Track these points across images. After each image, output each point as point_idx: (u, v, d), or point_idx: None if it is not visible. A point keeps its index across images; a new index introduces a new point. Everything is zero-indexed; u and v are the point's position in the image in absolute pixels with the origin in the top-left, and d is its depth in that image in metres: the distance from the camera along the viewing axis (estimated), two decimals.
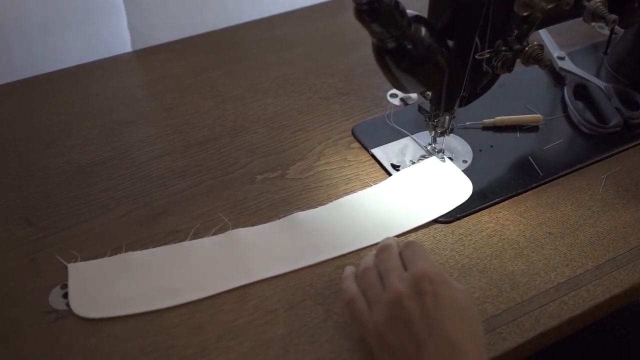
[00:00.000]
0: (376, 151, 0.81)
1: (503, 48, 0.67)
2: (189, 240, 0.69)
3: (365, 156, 0.81)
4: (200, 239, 0.69)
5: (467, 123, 0.85)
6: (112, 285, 0.64)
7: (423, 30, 0.62)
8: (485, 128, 0.84)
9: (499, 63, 0.67)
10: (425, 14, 0.65)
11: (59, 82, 0.94)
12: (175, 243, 0.68)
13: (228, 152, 0.81)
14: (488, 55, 0.67)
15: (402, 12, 0.58)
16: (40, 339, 0.60)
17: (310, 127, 0.86)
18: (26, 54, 1.00)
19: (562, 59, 0.94)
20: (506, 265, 0.67)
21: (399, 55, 0.62)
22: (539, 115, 0.85)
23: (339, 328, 0.60)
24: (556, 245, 0.69)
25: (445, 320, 0.51)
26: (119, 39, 1.04)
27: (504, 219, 0.72)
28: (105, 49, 1.03)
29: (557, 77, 0.93)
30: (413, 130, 0.84)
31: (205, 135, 0.84)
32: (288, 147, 0.82)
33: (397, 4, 0.57)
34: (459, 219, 0.72)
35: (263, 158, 0.80)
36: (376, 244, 0.68)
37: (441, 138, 0.78)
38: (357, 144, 0.83)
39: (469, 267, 0.66)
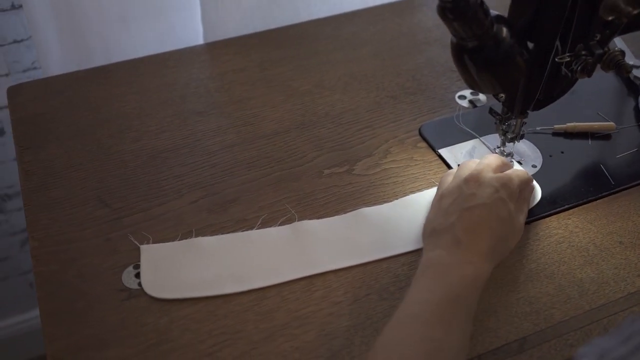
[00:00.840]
0: (443, 151, 0.81)
1: (584, 52, 0.66)
2: (257, 229, 0.70)
3: (432, 156, 0.81)
4: (267, 229, 0.70)
5: (538, 128, 0.84)
6: (182, 268, 0.65)
7: (504, 31, 0.61)
8: (556, 134, 0.83)
9: (579, 67, 0.66)
10: (504, 14, 0.64)
11: (134, 70, 0.97)
12: (243, 231, 0.70)
13: (296, 146, 0.82)
14: (568, 59, 0.66)
15: (486, 12, 0.58)
16: (113, 315, 0.62)
17: (377, 124, 0.86)
18: (104, 42, 1.03)
19: (637, 67, 0.92)
20: (574, 272, 0.66)
21: (478, 55, 0.62)
22: (612, 123, 0.83)
23: None
24: (627, 255, 0.67)
25: (480, 220, 0.62)
26: (192, 32, 1.07)
27: (573, 226, 0.71)
28: (179, 40, 1.06)
29: (631, 85, 0.91)
30: (481, 133, 0.83)
31: (273, 128, 0.85)
32: (355, 143, 0.83)
33: (482, 3, 0.57)
34: (527, 223, 0.71)
35: (330, 153, 0.81)
36: None
37: (510, 142, 0.77)
38: (423, 144, 0.83)
39: (536, 272, 0.66)
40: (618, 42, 0.97)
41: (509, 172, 0.68)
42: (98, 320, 0.62)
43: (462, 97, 0.90)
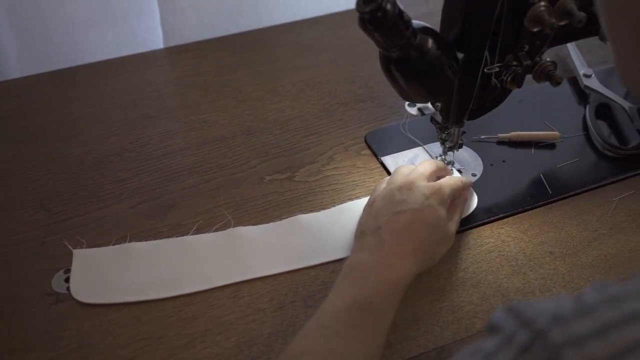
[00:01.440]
0: (386, 159, 0.81)
1: (514, 63, 0.67)
2: (191, 234, 0.71)
3: (374, 164, 0.81)
4: (201, 235, 0.71)
5: (482, 136, 0.84)
6: (112, 274, 0.66)
7: (430, 42, 0.62)
8: (500, 142, 0.84)
9: (509, 78, 0.67)
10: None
11: (92, 74, 0.98)
12: (177, 237, 0.70)
13: (241, 152, 0.83)
14: (497, 70, 0.66)
15: (407, 22, 0.59)
16: (39, 319, 0.62)
17: (324, 131, 0.87)
18: (65, 46, 1.04)
19: (588, 76, 0.92)
20: (501, 282, 0.66)
21: (404, 65, 0.63)
22: (556, 132, 0.83)
23: None
24: (556, 265, 0.68)
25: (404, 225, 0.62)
26: (153, 36, 1.08)
27: (505, 235, 0.71)
28: (140, 44, 1.07)
29: (582, 95, 0.91)
30: (427, 141, 0.83)
31: (221, 134, 0.86)
32: (300, 150, 0.83)
33: (401, 13, 0.57)
34: (461, 231, 0.71)
35: (274, 159, 0.82)
36: None
37: (450, 151, 0.78)
38: (368, 151, 0.83)
39: (463, 281, 0.66)
40: (571, 50, 0.97)
41: (441, 180, 0.69)
42: (24, 324, 0.62)
43: (412, 105, 0.91)
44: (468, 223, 0.72)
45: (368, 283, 0.58)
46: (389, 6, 0.56)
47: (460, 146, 0.76)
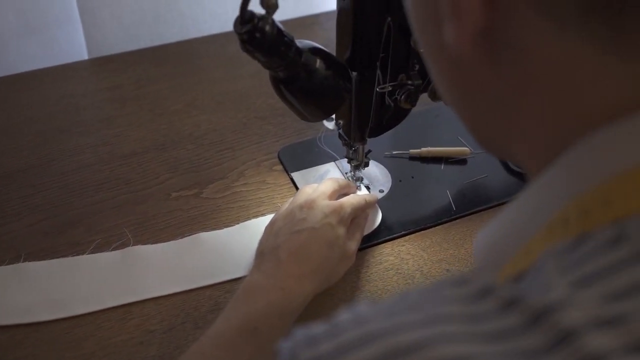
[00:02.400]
0: (296, 175, 0.81)
1: (409, 82, 0.67)
2: (88, 253, 0.70)
3: (285, 179, 0.81)
4: (97, 254, 0.70)
5: (394, 152, 0.84)
6: (0, 295, 0.65)
7: (317, 61, 0.62)
8: (412, 158, 0.84)
9: (402, 97, 0.67)
10: None
11: (10, 86, 0.96)
12: (73, 256, 0.69)
13: (150, 167, 0.82)
14: (390, 89, 0.66)
15: (288, 43, 0.58)
16: None
17: (239, 146, 0.86)
18: None
19: None
20: None
21: (293, 85, 0.62)
22: (466, 148, 0.84)
23: None
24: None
25: (301, 244, 0.61)
26: (77, 47, 1.07)
27: (405, 253, 0.71)
28: (65, 55, 1.05)
29: None
30: (340, 156, 0.83)
31: (132, 148, 0.85)
32: (212, 165, 0.83)
33: (280, 33, 0.57)
34: (362, 249, 0.71)
35: (183, 175, 0.81)
36: None
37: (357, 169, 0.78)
38: (280, 167, 0.83)
39: (357, 300, 0.66)
40: None
41: (343, 199, 0.69)
42: None
43: (330, 120, 0.91)
44: (370, 241, 0.72)
45: (256, 306, 0.57)
46: (267, 27, 0.56)
47: (367, 164, 0.76)
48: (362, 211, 0.70)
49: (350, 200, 0.68)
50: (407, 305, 0.27)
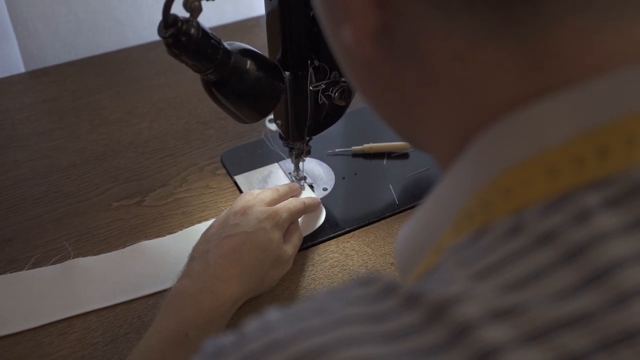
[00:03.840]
0: (239, 178, 0.80)
1: (342, 79, 0.67)
2: (26, 269, 0.68)
3: (228, 183, 0.81)
4: (36, 269, 0.68)
5: (337, 150, 0.85)
6: None
7: (248, 63, 0.61)
8: (356, 155, 0.84)
9: (336, 94, 0.67)
10: None
11: None
12: (10, 272, 0.68)
13: (90, 178, 0.81)
14: (323, 87, 0.67)
15: (215, 45, 0.58)
16: None
17: (180, 152, 0.85)
18: None
19: None
20: None
21: (224, 88, 0.62)
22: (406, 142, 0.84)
23: None
24: (396, 276, 0.68)
25: (232, 247, 0.61)
26: (13, 60, 1.04)
27: (350, 249, 0.71)
28: (1, 69, 1.02)
29: None
30: (284, 157, 0.83)
31: (72, 160, 0.84)
32: (153, 172, 0.82)
33: (206, 35, 0.57)
34: (306, 248, 0.71)
35: (124, 184, 0.80)
36: None
37: (302, 164, 0.78)
38: (223, 170, 0.82)
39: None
40: None
41: (280, 204, 0.68)
42: None
43: (272, 121, 0.91)
44: (314, 239, 0.72)
45: (186, 313, 0.56)
46: (192, 30, 0.55)
47: (309, 152, 0.76)
48: (300, 215, 0.70)
49: (287, 205, 0.68)
50: (313, 309, 0.27)
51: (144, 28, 1.11)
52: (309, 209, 0.71)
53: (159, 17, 1.09)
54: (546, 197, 0.26)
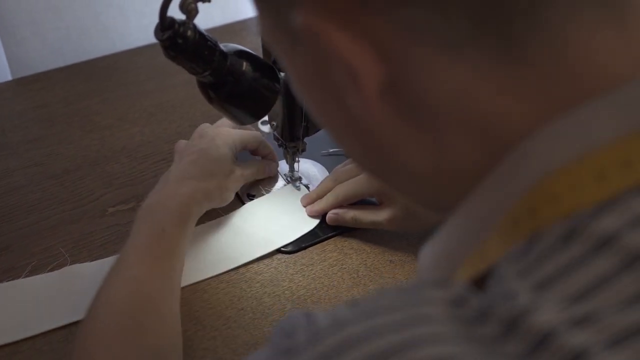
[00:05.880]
0: None
1: None
2: (23, 277, 0.67)
3: None
4: (33, 277, 0.68)
5: (331, 150, 0.85)
6: None
7: (244, 64, 0.62)
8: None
9: None
10: None
11: None
12: (7, 281, 0.67)
13: (84, 184, 0.80)
14: None
15: (211, 47, 0.58)
16: None
17: (173, 156, 0.85)
18: None
19: None
20: (341, 296, 0.66)
21: (221, 90, 0.62)
22: None
23: None
24: (395, 273, 0.69)
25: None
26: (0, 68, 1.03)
27: (348, 248, 0.72)
28: None
29: None
30: (278, 158, 0.83)
31: (65, 167, 0.83)
32: (147, 177, 0.82)
33: (202, 37, 0.57)
34: (304, 248, 0.71)
35: (119, 189, 0.80)
36: (217, 276, 0.68)
37: (297, 164, 0.78)
38: None
39: (303, 299, 0.66)
40: None
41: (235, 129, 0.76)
42: None
43: (265, 123, 0.90)
44: (312, 239, 0.72)
45: (158, 216, 0.63)
46: (188, 32, 0.55)
47: (304, 149, 0.76)
48: (253, 147, 0.77)
49: (240, 131, 0.76)
50: (386, 306, 0.27)
51: (131, 34, 1.11)
52: (262, 147, 0.78)
53: (146, 22, 1.10)
54: (596, 201, 0.25)
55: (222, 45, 0.60)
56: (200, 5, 0.55)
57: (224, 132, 0.73)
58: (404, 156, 0.31)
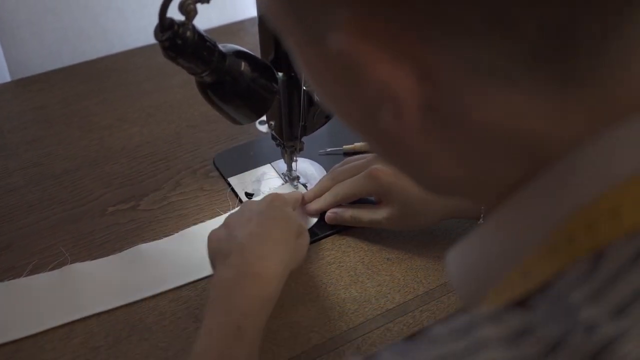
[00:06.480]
0: (232, 180, 0.81)
1: None
2: (24, 276, 0.68)
3: (222, 185, 0.81)
4: (34, 276, 0.68)
5: (329, 149, 0.86)
6: None
7: (242, 64, 0.62)
8: (347, 154, 0.85)
9: None
10: None
11: None
12: (8, 280, 0.68)
13: (83, 184, 0.81)
14: None
15: (210, 47, 0.59)
16: None
17: (172, 156, 0.86)
18: None
19: None
20: (339, 293, 0.67)
21: (219, 90, 0.63)
22: None
23: None
24: (392, 271, 0.69)
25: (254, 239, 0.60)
26: None
27: (346, 246, 0.72)
28: None
29: None
30: (276, 158, 0.84)
31: (64, 167, 0.84)
32: (146, 177, 0.82)
33: (201, 38, 0.58)
34: None
35: (118, 189, 0.80)
36: None
37: (295, 164, 0.78)
38: (216, 173, 0.83)
39: (302, 296, 0.67)
40: None
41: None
42: None
43: (262, 123, 0.91)
44: (311, 238, 0.72)
45: (235, 303, 0.56)
46: (188, 32, 0.56)
47: (302, 148, 0.77)
48: (299, 205, 0.73)
49: (282, 193, 0.71)
50: (441, 356, 0.25)
51: (129, 35, 1.11)
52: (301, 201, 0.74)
53: (143, 23, 1.10)
54: None
55: (220, 46, 0.61)
56: (198, 6, 0.56)
57: (274, 195, 0.67)
58: (433, 164, 0.30)
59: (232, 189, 0.80)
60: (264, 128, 0.91)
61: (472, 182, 0.31)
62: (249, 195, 0.79)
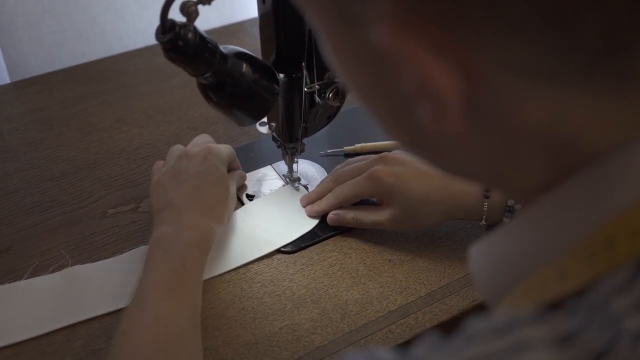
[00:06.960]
0: None
1: (335, 80, 0.68)
2: (25, 279, 0.68)
3: None
4: (34, 278, 0.68)
5: (329, 150, 0.85)
6: None
7: (244, 66, 0.62)
8: (348, 155, 0.85)
9: (330, 94, 0.68)
10: None
11: None
12: (9, 283, 0.67)
13: (83, 187, 0.81)
14: (318, 87, 0.68)
15: (212, 49, 0.59)
16: None
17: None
18: None
19: None
20: (341, 295, 0.67)
21: (221, 91, 0.63)
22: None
23: None
24: (394, 272, 0.69)
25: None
26: None
27: (347, 247, 0.72)
28: None
29: None
30: (276, 159, 0.84)
31: (63, 169, 0.83)
32: (147, 179, 0.82)
33: (203, 39, 0.57)
34: (304, 248, 0.72)
35: (118, 191, 0.80)
36: (218, 276, 0.68)
37: (295, 165, 0.78)
38: None
39: (304, 298, 0.67)
40: None
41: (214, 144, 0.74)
42: None
43: (263, 124, 0.91)
44: (312, 239, 0.73)
45: (176, 249, 0.61)
46: (189, 34, 0.56)
47: (303, 150, 0.76)
48: (232, 161, 0.76)
49: (224, 146, 0.74)
50: (479, 356, 0.25)
51: (129, 36, 1.11)
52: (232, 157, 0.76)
53: (143, 25, 1.10)
54: None
55: (221, 47, 0.61)
56: (199, 7, 0.56)
57: (214, 149, 0.71)
58: (464, 158, 0.30)
59: None
60: (264, 129, 0.90)
61: (501, 177, 0.31)
62: (249, 197, 0.78)
